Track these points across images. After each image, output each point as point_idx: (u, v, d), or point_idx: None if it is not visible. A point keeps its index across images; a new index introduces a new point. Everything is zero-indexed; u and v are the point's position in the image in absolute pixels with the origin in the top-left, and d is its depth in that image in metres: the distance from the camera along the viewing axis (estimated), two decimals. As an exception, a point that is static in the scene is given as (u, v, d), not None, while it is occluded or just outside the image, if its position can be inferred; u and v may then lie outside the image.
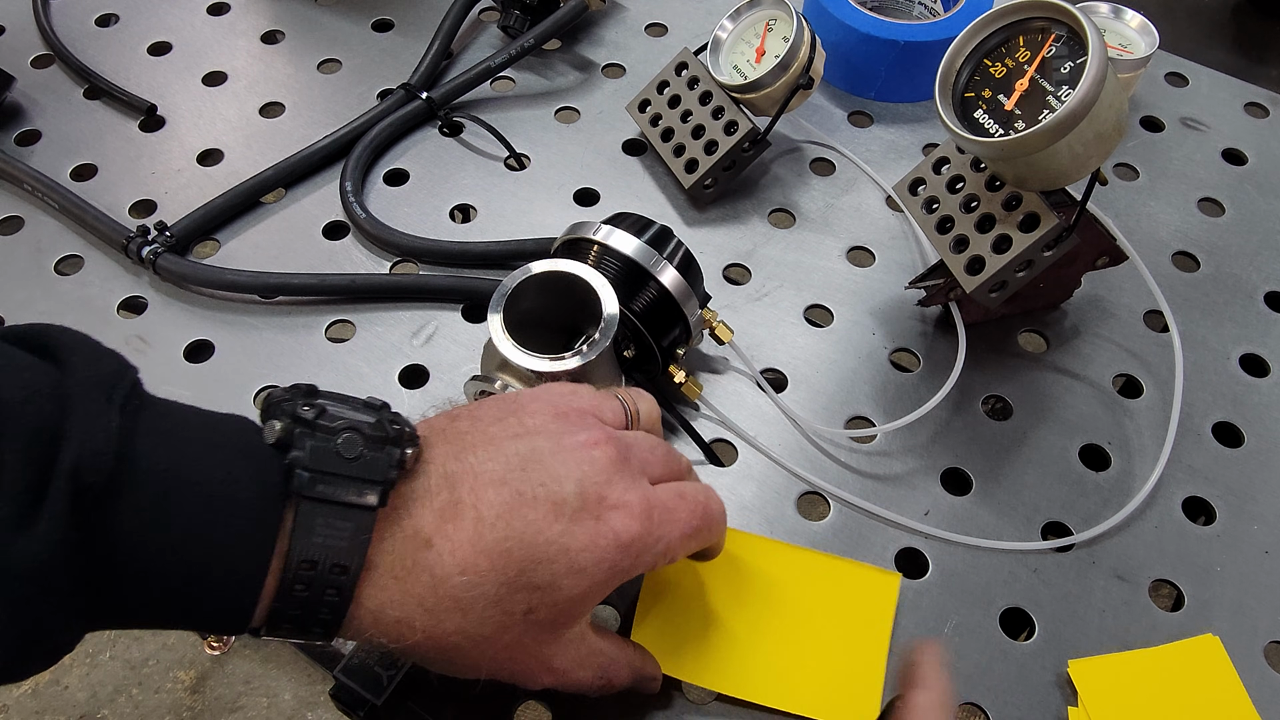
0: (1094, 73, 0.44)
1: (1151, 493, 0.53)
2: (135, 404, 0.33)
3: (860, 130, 0.72)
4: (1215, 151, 0.71)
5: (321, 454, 0.34)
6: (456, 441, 0.38)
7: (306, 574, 0.33)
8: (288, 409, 0.35)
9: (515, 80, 0.75)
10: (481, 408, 0.41)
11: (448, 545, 0.36)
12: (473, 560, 0.36)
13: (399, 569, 0.35)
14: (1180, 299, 0.62)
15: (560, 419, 0.40)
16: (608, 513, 0.38)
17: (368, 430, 0.35)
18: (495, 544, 0.36)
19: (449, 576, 0.35)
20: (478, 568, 0.36)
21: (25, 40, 0.76)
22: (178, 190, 0.67)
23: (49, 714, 1.27)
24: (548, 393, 0.42)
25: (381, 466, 0.34)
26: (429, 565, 0.35)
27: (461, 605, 0.36)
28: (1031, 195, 0.50)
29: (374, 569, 0.35)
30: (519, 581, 0.36)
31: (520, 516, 0.36)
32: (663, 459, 0.42)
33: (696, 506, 0.40)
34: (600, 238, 0.51)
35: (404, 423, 0.37)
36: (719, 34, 0.65)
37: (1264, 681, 0.47)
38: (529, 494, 0.37)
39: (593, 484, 0.38)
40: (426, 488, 0.36)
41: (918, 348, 0.60)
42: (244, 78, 0.75)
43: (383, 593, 0.35)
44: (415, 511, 0.36)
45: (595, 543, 0.37)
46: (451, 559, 0.35)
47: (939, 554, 0.51)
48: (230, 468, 0.33)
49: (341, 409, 0.36)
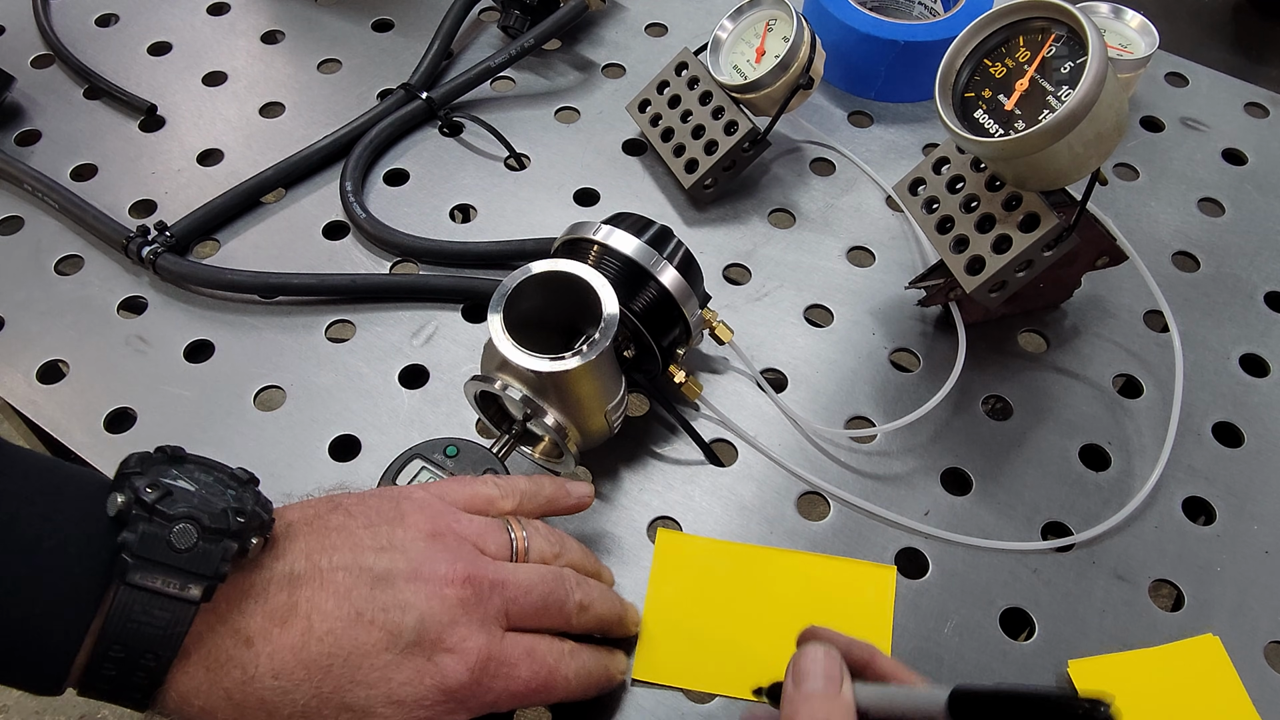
0: (1094, 73, 0.44)
1: (1151, 493, 0.53)
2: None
3: (860, 130, 0.72)
4: (1215, 151, 0.71)
5: (152, 542, 0.34)
6: (319, 537, 0.38)
7: (117, 655, 0.33)
8: (135, 484, 0.34)
9: (515, 80, 0.75)
10: (366, 501, 0.41)
11: (268, 648, 0.35)
12: (290, 668, 0.36)
13: (211, 660, 0.35)
14: (1180, 299, 0.62)
15: (433, 541, 0.40)
16: (440, 655, 0.37)
17: (207, 521, 0.34)
18: (318, 657, 0.36)
19: (261, 678, 0.35)
20: (294, 676, 0.36)
21: (25, 40, 0.76)
22: (178, 190, 0.67)
23: (49, 714, 1.27)
24: (436, 505, 0.42)
25: (213, 561, 0.34)
26: (243, 663, 0.35)
27: (268, 707, 0.36)
28: (1031, 195, 0.50)
29: (187, 657, 0.35)
30: (334, 699, 0.36)
31: (351, 637, 0.36)
32: (537, 604, 0.41)
33: (541, 669, 0.40)
34: (600, 238, 0.51)
35: (255, 514, 0.36)
36: (719, 34, 0.65)
37: (1264, 681, 0.47)
38: (368, 616, 0.37)
39: (435, 622, 0.37)
40: (265, 584, 0.36)
41: (918, 348, 0.60)
42: (244, 78, 0.75)
43: (190, 680, 0.35)
44: (245, 607, 0.36)
45: (420, 680, 0.37)
46: (269, 662, 0.35)
47: (939, 554, 0.51)
48: (62, 537, 0.33)
49: (197, 489, 0.36)
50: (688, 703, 0.46)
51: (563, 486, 0.47)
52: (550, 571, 0.42)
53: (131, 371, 0.58)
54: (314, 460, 0.54)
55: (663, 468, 0.54)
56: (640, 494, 0.53)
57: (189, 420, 0.56)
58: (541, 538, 0.44)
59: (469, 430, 0.55)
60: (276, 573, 0.37)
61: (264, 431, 0.55)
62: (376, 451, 0.54)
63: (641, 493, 0.53)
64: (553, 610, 0.41)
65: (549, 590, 0.41)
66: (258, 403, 0.57)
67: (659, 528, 0.52)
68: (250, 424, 0.56)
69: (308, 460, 0.54)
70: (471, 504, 0.43)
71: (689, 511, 0.53)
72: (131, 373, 0.58)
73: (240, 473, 0.38)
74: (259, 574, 0.36)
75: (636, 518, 0.52)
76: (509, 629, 0.40)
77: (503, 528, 0.43)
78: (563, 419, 0.48)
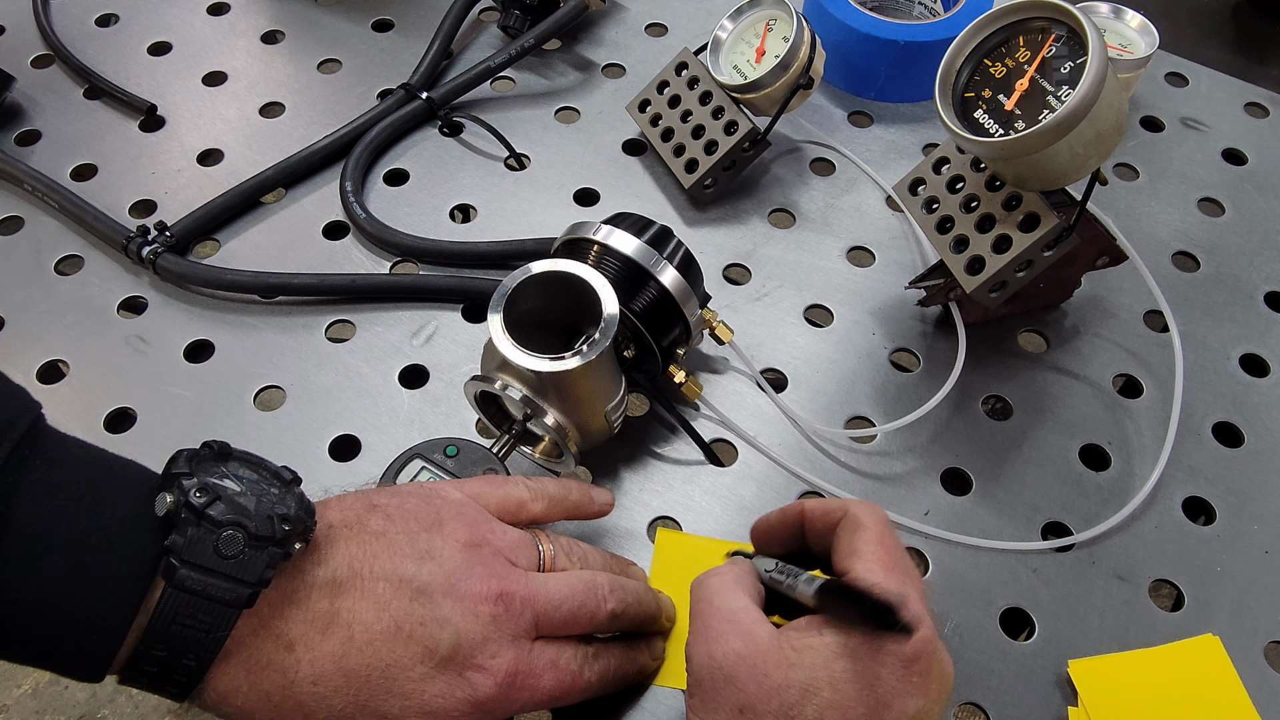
0: (1094, 73, 0.44)
1: (1151, 493, 0.53)
2: (25, 454, 0.33)
3: (860, 130, 0.72)
4: (1215, 151, 0.71)
5: (199, 547, 0.34)
6: (360, 544, 0.39)
7: (160, 654, 0.34)
8: (185, 485, 0.35)
9: (515, 80, 0.75)
10: (405, 504, 0.41)
11: (309, 655, 0.36)
12: (329, 675, 0.36)
13: (252, 663, 0.35)
14: (1180, 299, 0.62)
15: (470, 552, 0.40)
16: (471, 672, 0.38)
17: (254, 528, 0.34)
18: (358, 667, 0.36)
19: (301, 683, 0.36)
20: (332, 683, 0.36)
21: (25, 40, 0.76)
22: (178, 190, 0.67)
23: (49, 714, 1.27)
24: (472, 511, 0.42)
25: (258, 567, 0.34)
26: (284, 667, 0.36)
27: (305, 711, 0.36)
28: (1031, 195, 0.50)
29: (228, 659, 0.35)
30: (369, 706, 0.37)
31: (389, 649, 0.37)
32: (567, 616, 0.41)
33: (565, 678, 0.41)
34: (600, 238, 0.51)
35: (299, 519, 0.36)
36: (719, 34, 0.65)
37: (1264, 681, 0.47)
38: (406, 630, 0.37)
39: (469, 640, 0.38)
40: (308, 590, 0.37)
41: (918, 348, 0.60)
42: (244, 78, 0.75)
43: (230, 681, 0.35)
44: (287, 613, 0.36)
45: (451, 694, 0.38)
46: (309, 668, 0.36)
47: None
48: (108, 534, 0.34)
49: (243, 490, 0.36)
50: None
51: (588, 493, 0.47)
52: (581, 581, 0.42)
53: (131, 371, 0.58)
54: (314, 460, 0.54)
55: (663, 468, 0.54)
56: (640, 494, 0.53)
57: (189, 420, 0.56)
58: (566, 557, 0.44)
59: (469, 430, 0.55)
60: (319, 579, 0.37)
61: (264, 431, 0.55)
62: (376, 451, 0.54)
63: (641, 493, 0.53)
64: (583, 620, 0.42)
65: (580, 603, 0.42)
66: (258, 403, 0.57)
67: (659, 527, 0.52)
68: (250, 424, 0.56)
69: (308, 460, 0.54)
70: (504, 506, 0.44)
71: (689, 511, 0.53)
72: (131, 373, 0.58)
73: (284, 472, 0.38)
74: (301, 578, 0.37)
75: (636, 518, 0.52)
76: (537, 638, 0.41)
77: (533, 544, 0.43)
78: (563, 419, 0.48)
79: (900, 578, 0.37)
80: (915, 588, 0.37)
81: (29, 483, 0.33)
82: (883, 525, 0.38)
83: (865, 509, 0.39)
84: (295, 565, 0.37)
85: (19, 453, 0.33)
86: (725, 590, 0.38)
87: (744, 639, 0.36)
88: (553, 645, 0.41)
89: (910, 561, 0.38)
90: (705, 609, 0.38)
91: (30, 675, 1.30)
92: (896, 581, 0.36)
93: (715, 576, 0.40)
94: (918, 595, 0.36)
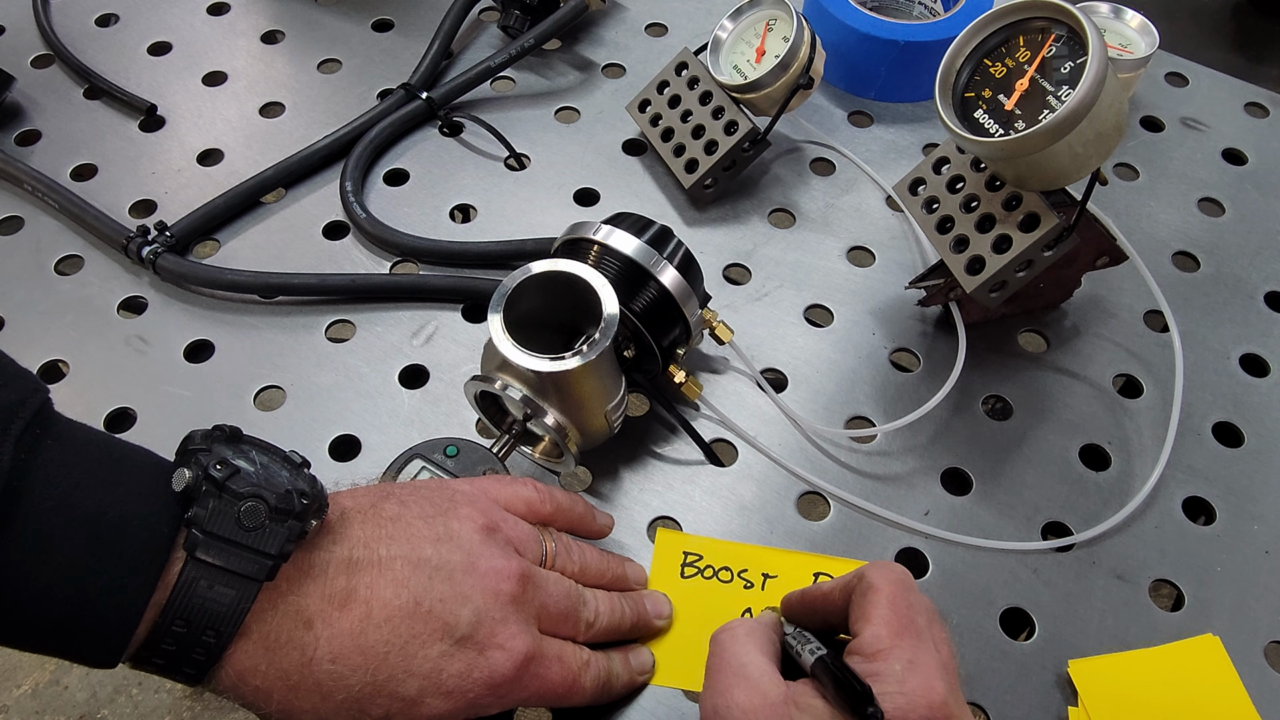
0: (1094, 73, 0.44)
1: (1151, 493, 0.53)
2: (36, 433, 0.33)
3: (860, 130, 0.72)
4: (1215, 151, 0.71)
5: (221, 518, 0.34)
6: (375, 526, 0.39)
7: (179, 630, 0.33)
8: (203, 460, 0.34)
9: (515, 80, 0.75)
10: (418, 491, 0.41)
11: (327, 631, 0.36)
12: (348, 652, 0.36)
13: (271, 640, 0.35)
14: (1180, 299, 0.62)
15: (486, 535, 0.40)
16: (491, 650, 0.38)
17: (273, 501, 0.34)
18: (375, 644, 0.36)
19: (319, 661, 0.36)
20: (350, 661, 0.36)
21: (25, 40, 0.76)
22: (178, 190, 0.67)
23: (49, 714, 1.27)
24: (484, 500, 0.42)
25: (278, 540, 0.34)
26: (302, 644, 0.35)
27: (323, 690, 0.36)
28: (1031, 195, 0.50)
29: (247, 635, 0.35)
30: (385, 687, 0.36)
31: (408, 626, 0.37)
32: (559, 613, 0.42)
33: (568, 674, 0.41)
34: (600, 238, 0.51)
35: (314, 495, 0.36)
36: (719, 34, 0.65)
37: (1264, 681, 0.47)
38: (425, 606, 0.37)
39: (489, 617, 0.38)
40: (324, 566, 0.37)
41: (918, 348, 0.60)
42: (244, 78, 0.75)
43: (249, 659, 0.35)
44: (304, 588, 0.36)
45: (469, 673, 0.37)
46: (327, 645, 0.36)
47: (939, 554, 0.51)
48: (124, 510, 0.33)
49: (256, 470, 0.36)
50: (688, 702, 0.46)
51: (591, 511, 0.48)
52: (571, 585, 0.43)
53: (131, 371, 0.58)
54: (314, 460, 0.54)
55: (663, 468, 0.54)
56: (640, 494, 0.53)
57: (189, 420, 0.56)
58: (566, 555, 0.44)
59: (469, 430, 0.55)
60: (336, 556, 0.37)
61: (264, 431, 0.55)
62: (376, 451, 0.54)
63: (641, 493, 0.53)
64: (570, 621, 0.42)
65: (571, 604, 0.42)
66: (258, 403, 0.57)
67: (659, 528, 0.52)
68: (250, 424, 0.56)
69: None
70: (511, 504, 0.44)
71: (689, 511, 0.53)
72: (131, 373, 0.58)
73: (294, 455, 0.38)
74: (317, 555, 0.37)
75: (636, 518, 0.52)
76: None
77: (539, 540, 0.43)
78: (563, 419, 0.48)
79: (911, 641, 0.35)
80: (931, 651, 0.35)
81: (43, 460, 0.32)
82: (896, 586, 0.37)
83: (879, 570, 0.38)
84: (311, 543, 0.36)
85: (31, 431, 0.33)
86: (736, 644, 0.39)
87: (749, 692, 0.36)
88: (556, 640, 0.41)
89: (928, 620, 0.37)
90: (716, 662, 0.39)
91: (30, 675, 1.30)
92: (907, 645, 0.35)
93: (728, 631, 0.40)
94: (934, 660, 0.35)
